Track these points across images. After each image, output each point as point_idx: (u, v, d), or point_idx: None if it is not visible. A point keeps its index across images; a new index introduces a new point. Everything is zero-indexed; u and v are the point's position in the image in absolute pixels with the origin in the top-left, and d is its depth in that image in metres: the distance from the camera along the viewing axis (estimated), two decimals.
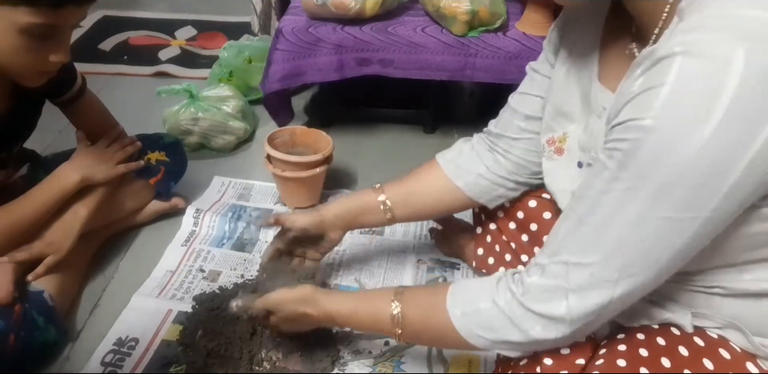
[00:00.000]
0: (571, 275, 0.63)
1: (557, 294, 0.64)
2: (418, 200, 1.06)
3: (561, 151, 0.87)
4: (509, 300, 0.68)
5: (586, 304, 0.63)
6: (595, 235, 0.62)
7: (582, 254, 0.63)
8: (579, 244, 0.63)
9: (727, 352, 0.68)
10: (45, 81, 0.99)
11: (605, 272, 0.62)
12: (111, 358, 1.04)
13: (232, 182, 1.55)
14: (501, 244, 1.09)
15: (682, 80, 0.54)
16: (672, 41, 0.56)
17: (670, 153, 0.55)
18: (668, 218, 0.58)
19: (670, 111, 0.54)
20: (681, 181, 0.56)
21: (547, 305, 0.65)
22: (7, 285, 0.99)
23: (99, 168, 1.16)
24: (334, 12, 1.49)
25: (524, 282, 0.67)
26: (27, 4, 0.83)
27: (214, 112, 1.63)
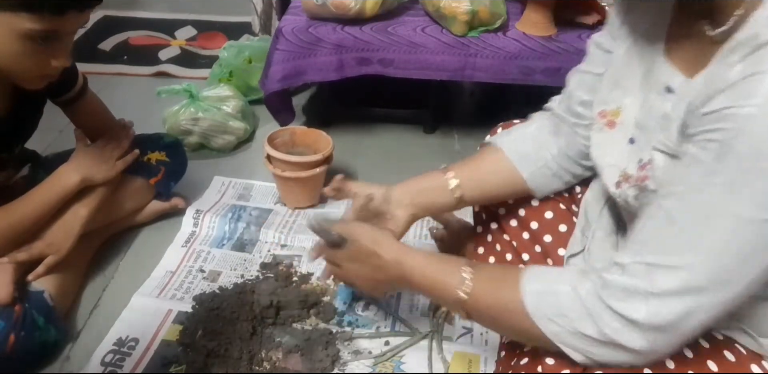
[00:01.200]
0: (654, 278, 0.58)
1: (637, 295, 0.59)
2: (487, 183, 0.99)
3: (613, 124, 0.82)
4: (590, 290, 0.63)
5: (666, 311, 0.58)
6: (687, 236, 0.57)
7: (669, 256, 0.58)
8: (666, 245, 0.59)
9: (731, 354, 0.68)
10: (46, 84, 0.99)
11: (693, 278, 0.57)
12: (111, 358, 1.04)
13: (232, 182, 1.55)
14: (502, 243, 1.09)
15: None
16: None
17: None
18: (765, 221, 0.53)
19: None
20: None
21: (626, 304, 0.60)
22: (7, 285, 0.99)
23: (99, 168, 1.16)
24: (334, 12, 1.49)
25: (603, 278, 0.63)
26: (29, 11, 0.83)
27: (214, 112, 1.63)
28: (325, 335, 1.08)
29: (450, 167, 1.01)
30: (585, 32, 1.54)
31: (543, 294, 0.67)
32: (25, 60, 0.91)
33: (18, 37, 0.86)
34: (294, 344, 1.06)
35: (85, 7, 0.89)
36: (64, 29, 0.89)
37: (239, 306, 1.11)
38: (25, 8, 0.83)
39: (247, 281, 1.21)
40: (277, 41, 1.53)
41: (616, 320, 0.61)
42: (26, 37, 0.86)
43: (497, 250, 1.09)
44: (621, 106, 0.82)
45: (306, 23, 1.53)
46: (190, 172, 1.47)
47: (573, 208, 1.02)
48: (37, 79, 0.97)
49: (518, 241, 1.05)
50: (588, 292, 0.64)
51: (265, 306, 1.10)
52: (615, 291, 0.62)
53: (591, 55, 0.89)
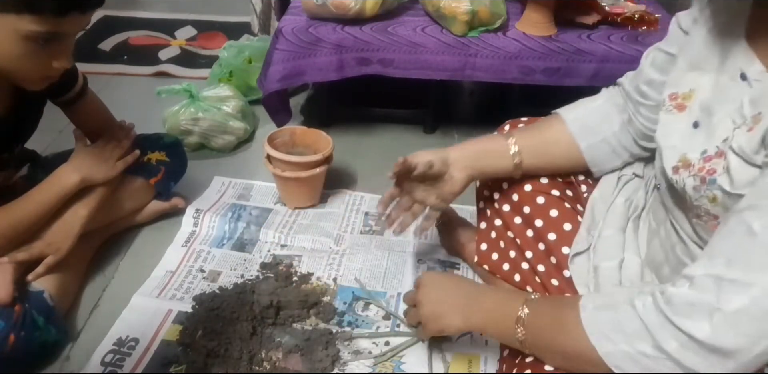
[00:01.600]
0: (723, 293, 0.55)
1: (702, 310, 0.56)
2: (547, 151, 0.98)
3: (683, 107, 0.80)
4: (649, 304, 0.61)
5: (732, 333, 0.55)
6: (766, 253, 0.54)
7: (743, 271, 0.55)
8: (743, 259, 0.55)
9: None
10: (47, 85, 1.00)
11: (766, 298, 0.53)
12: (111, 358, 1.04)
13: (232, 182, 1.55)
14: (506, 240, 1.09)
15: None
16: None
17: None
18: None
19: None
20: None
21: (688, 320, 0.57)
22: (7, 285, 0.99)
23: (99, 168, 1.16)
24: (334, 12, 1.49)
25: (667, 291, 0.60)
26: (31, 13, 0.83)
27: (214, 112, 1.63)
28: (325, 335, 1.08)
29: (511, 131, 0.99)
30: (585, 32, 1.54)
31: (599, 309, 0.66)
32: (27, 61, 0.91)
33: (19, 38, 0.86)
34: (294, 344, 1.06)
35: (87, 9, 0.89)
36: (65, 31, 0.89)
37: (239, 306, 1.11)
38: (27, 10, 0.83)
39: (247, 281, 1.21)
40: (277, 41, 1.53)
41: (676, 337, 0.58)
42: (28, 39, 0.86)
43: (501, 247, 1.09)
44: (694, 89, 0.79)
45: (306, 23, 1.53)
46: (190, 172, 1.47)
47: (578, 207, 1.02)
48: (38, 80, 0.97)
49: (522, 239, 1.05)
50: (645, 305, 0.61)
51: (265, 306, 1.10)
52: (678, 305, 0.59)
53: (670, 34, 0.87)
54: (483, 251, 1.12)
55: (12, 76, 0.95)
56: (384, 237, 1.38)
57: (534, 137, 0.99)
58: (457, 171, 0.99)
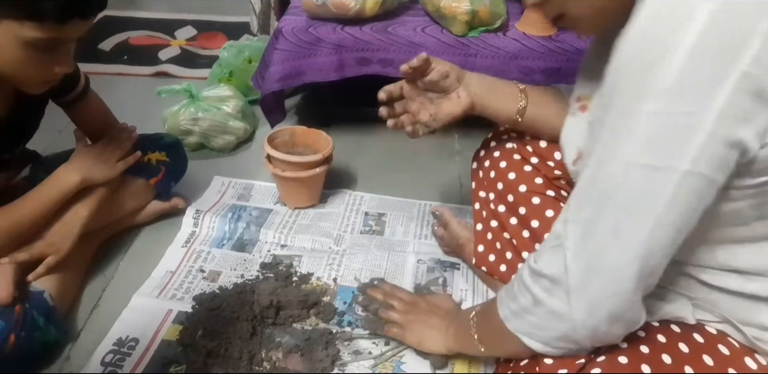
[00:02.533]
0: (569, 233, 0.61)
1: (557, 253, 0.62)
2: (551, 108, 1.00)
3: (585, 108, 0.86)
4: (525, 265, 0.68)
5: (580, 267, 0.60)
6: (587, 187, 0.60)
7: (577, 209, 0.61)
8: (576, 198, 0.62)
9: (726, 348, 0.68)
10: (47, 89, 1.00)
11: (595, 230, 0.59)
12: (111, 358, 1.04)
13: (232, 182, 1.55)
14: (502, 241, 1.09)
15: (654, 14, 0.54)
16: None
17: (644, 84, 0.54)
18: (651, 167, 0.55)
19: (642, 41, 0.54)
20: (658, 120, 0.54)
21: (547, 263, 0.63)
22: (7, 285, 0.99)
23: (99, 168, 1.16)
24: (334, 12, 1.49)
25: (537, 250, 0.67)
26: (32, 20, 0.83)
27: (214, 112, 1.63)
28: (325, 335, 1.08)
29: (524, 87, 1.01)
30: None
31: (506, 288, 0.73)
32: (28, 67, 0.91)
33: (21, 44, 0.86)
34: (294, 344, 1.07)
35: (88, 16, 0.88)
36: (67, 37, 0.89)
37: (239, 306, 1.11)
38: (29, 16, 0.83)
39: (247, 281, 1.21)
40: (277, 41, 1.53)
41: (539, 282, 0.64)
42: (29, 45, 0.86)
43: (497, 248, 1.10)
44: (594, 90, 0.83)
45: (306, 23, 1.53)
46: (190, 172, 1.47)
47: None
48: (39, 84, 0.98)
49: (518, 239, 1.05)
50: (524, 267, 0.68)
51: (265, 306, 1.10)
52: (540, 254, 0.65)
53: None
54: (480, 252, 1.13)
55: (13, 80, 0.95)
56: (384, 238, 1.38)
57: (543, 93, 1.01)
58: (465, 93, 0.98)
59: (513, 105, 0.98)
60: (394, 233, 1.39)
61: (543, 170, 1.04)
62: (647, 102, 0.54)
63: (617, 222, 0.58)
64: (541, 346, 0.68)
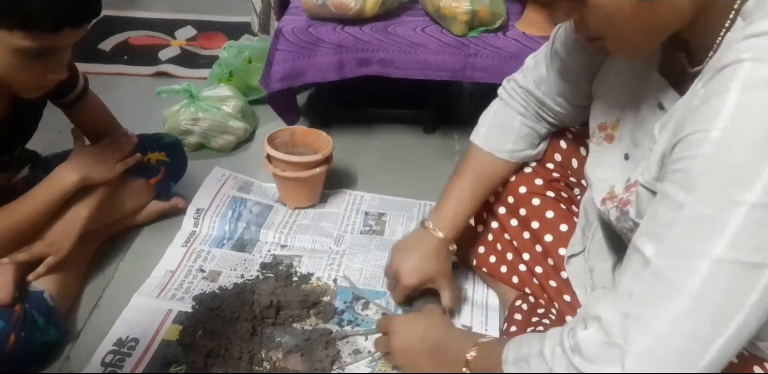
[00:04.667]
0: (630, 333, 0.53)
1: (612, 354, 0.54)
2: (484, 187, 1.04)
3: (611, 138, 0.81)
4: (557, 353, 0.59)
5: (647, 370, 0.52)
6: (661, 282, 0.51)
7: (645, 304, 0.52)
8: (643, 290, 0.53)
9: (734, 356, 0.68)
10: (42, 93, 1.00)
11: (671, 335, 0.51)
12: (111, 358, 1.04)
13: (232, 174, 1.53)
14: (503, 243, 1.09)
15: (751, 85, 0.47)
16: (738, 47, 0.50)
17: (744, 171, 0.47)
18: (741, 263, 0.48)
19: (741, 120, 0.47)
20: (761, 211, 0.46)
21: (598, 366, 0.55)
22: (7, 285, 0.99)
23: (98, 168, 1.16)
24: (334, 12, 1.49)
25: (576, 335, 0.58)
26: (22, 29, 0.83)
27: (214, 112, 1.63)
28: (325, 335, 1.08)
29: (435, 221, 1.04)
30: None
31: (518, 363, 0.65)
32: (21, 74, 0.91)
33: (13, 52, 0.86)
34: (294, 344, 1.06)
35: (80, 24, 0.88)
36: (58, 45, 0.89)
37: (239, 306, 1.11)
38: (19, 26, 0.83)
39: (247, 281, 1.21)
40: (277, 41, 1.53)
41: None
42: (20, 53, 0.86)
43: (498, 250, 1.10)
44: (621, 118, 0.80)
45: (306, 23, 1.53)
46: (190, 172, 1.47)
47: (573, 209, 1.02)
48: (33, 90, 0.98)
49: (519, 241, 1.05)
50: (556, 356, 0.59)
51: (265, 306, 1.10)
52: (587, 353, 0.56)
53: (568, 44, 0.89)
54: (480, 254, 1.13)
55: (7, 86, 0.95)
56: (384, 238, 1.38)
57: (479, 189, 1.03)
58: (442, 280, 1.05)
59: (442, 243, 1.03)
60: (394, 233, 1.39)
61: (542, 172, 1.04)
62: (749, 192, 0.47)
63: (697, 325, 0.51)
64: None
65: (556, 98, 0.95)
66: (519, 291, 1.06)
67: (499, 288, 1.12)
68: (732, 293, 0.49)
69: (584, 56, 0.87)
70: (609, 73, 0.83)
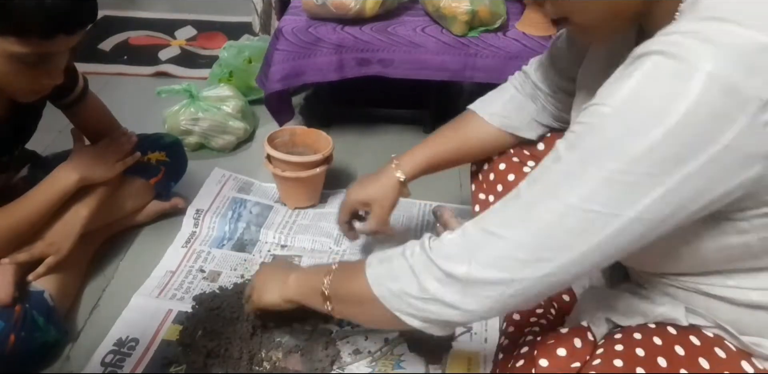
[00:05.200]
0: (484, 244, 0.62)
1: (464, 255, 0.63)
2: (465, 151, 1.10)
3: None
4: (417, 251, 0.68)
5: (482, 276, 0.62)
6: (522, 211, 0.61)
7: (503, 226, 0.62)
8: (505, 216, 0.63)
9: (722, 351, 0.68)
10: (39, 97, 1.00)
11: (516, 251, 0.61)
12: (111, 358, 1.04)
13: (232, 175, 1.54)
14: None
15: (649, 76, 0.54)
16: (653, 41, 0.56)
17: (616, 146, 0.54)
18: (594, 212, 0.57)
19: (629, 104, 0.54)
20: (619, 177, 0.55)
21: (450, 261, 0.64)
22: (7, 285, 1.00)
23: (97, 168, 1.16)
24: (334, 12, 1.49)
25: (441, 239, 0.67)
26: (16, 36, 0.83)
27: (214, 112, 1.63)
28: (325, 335, 1.08)
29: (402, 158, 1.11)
30: None
31: (382, 261, 0.73)
32: (16, 79, 0.91)
33: (7, 58, 0.86)
34: (294, 344, 1.07)
35: (75, 31, 0.87)
36: (53, 51, 0.89)
37: (239, 306, 1.11)
38: (12, 33, 0.83)
39: (247, 281, 1.21)
40: (277, 41, 1.53)
41: (435, 275, 0.65)
42: (14, 59, 0.86)
43: None
44: None
45: (306, 23, 1.53)
46: (190, 172, 1.47)
47: None
48: (29, 94, 0.98)
49: None
50: (413, 252, 0.68)
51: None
52: (444, 249, 0.66)
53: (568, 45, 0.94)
54: None
55: (3, 91, 0.95)
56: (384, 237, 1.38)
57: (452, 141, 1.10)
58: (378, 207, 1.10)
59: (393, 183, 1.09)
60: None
61: None
62: (613, 162, 0.55)
63: (544, 250, 0.60)
64: (420, 324, 0.70)
65: (547, 83, 1.00)
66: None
67: None
68: (575, 232, 0.58)
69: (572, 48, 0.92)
70: (589, 68, 0.87)
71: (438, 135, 1.12)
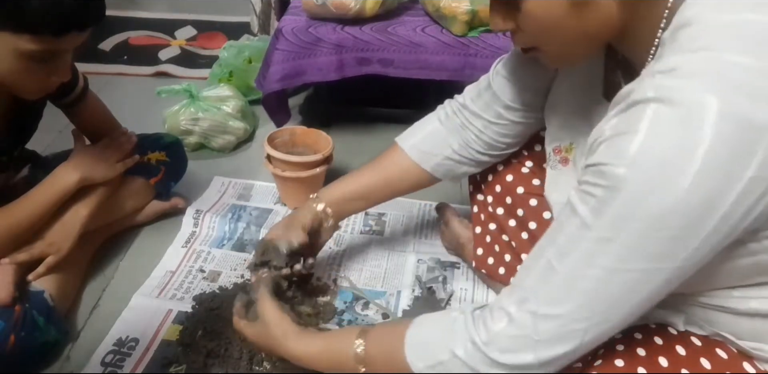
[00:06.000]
0: (539, 327, 0.62)
1: (525, 345, 0.62)
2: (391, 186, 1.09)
3: (566, 161, 0.85)
4: (470, 350, 0.65)
5: (553, 353, 0.62)
6: (565, 286, 0.60)
7: (551, 305, 0.61)
8: (548, 294, 0.62)
9: (724, 352, 0.68)
10: (44, 95, 1.00)
11: (574, 324, 0.61)
12: (111, 358, 1.04)
13: (232, 181, 1.55)
14: (501, 244, 1.09)
15: (655, 129, 0.52)
16: (646, 84, 0.54)
17: (644, 205, 0.54)
18: (638, 270, 0.57)
19: (644, 162, 0.53)
20: (654, 234, 0.54)
21: (515, 355, 0.63)
22: (7, 285, 0.99)
23: (98, 168, 1.16)
24: (334, 12, 1.49)
25: (489, 330, 0.65)
26: (29, 33, 0.83)
27: (214, 112, 1.63)
28: None
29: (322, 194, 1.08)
30: None
31: (433, 368, 0.68)
32: (25, 76, 0.91)
33: (17, 55, 0.86)
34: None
35: (86, 28, 0.88)
36: (63, 48, 0.89)
37: None
38: (26, 30, 0.83)
39: (247, 281, 1.21)
40: (277, 41, 1.53)
41: (504, 371, 0.64)
42: (25, 56, 0.87)
43: (496, 251, 1.10)
44: (573, 142, 0.84)
45: (306, 23, 1.53)
46: (190, 172, 1.47)
47: None
48: (36, 92, 0.98)
49: (517, 241, 1.05)
50: (467, 352, 0.65)
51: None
52: (502, 345, 0.64)
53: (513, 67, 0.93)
54: (479, 255, 1.13)
55: (10, 88, 0.95)
56: (384, 237, 1.38)
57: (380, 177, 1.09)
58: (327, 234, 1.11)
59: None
60: (394, 233, 1.39)
61: (539, 173, 1.04)
62: (645, 221, 0.54)
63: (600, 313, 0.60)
64: None
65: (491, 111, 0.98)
66: None
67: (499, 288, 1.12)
68: (623, 292, 0.58)
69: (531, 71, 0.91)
70: (558, 98, 0.87)
71: (360, 168, 1.12)
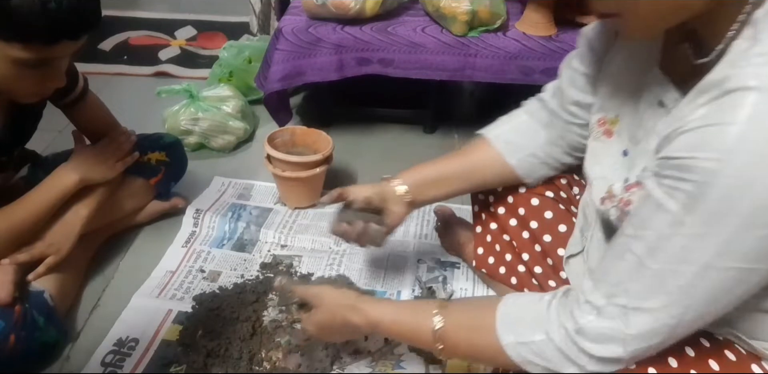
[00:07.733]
0: (630, 320, 0.61)
1: (615, 337, 0.62)
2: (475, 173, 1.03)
3: (610, 133, 0.82)
4: (564, 337, 0.66)
5: (641, 346, 0.62)
6: (658, 281, 0.59)
7: (642, 299, 0.60)
8: (640, 289, 0.60)
9: (732, 353, 0.68)
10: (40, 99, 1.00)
11: (666, 318, 0.60)
12: (111, 358, 1.04)
13: (232, 181, 1.55)
14: (501, 244, 1.09)
15: (756, 122, 0.50)
16: (746, 72, 0.52)
17: (741, 201, 0.52)
18: (735, 269, 0.56)
19: (741, 155, 0.51)
20: (751, 231, 0.53)
21: (604, 347, 0.63)
22: (8, 286, 0.99)
23: (98, 168, 1.16)
24: (334, 12, 1.49)
25: (578, 321, 0.64)
26: (21, 42, 0.83)
27: (214, 112, 1.63)
28: None
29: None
30: None
31: (524, 345, 0.69)
32: (19, 83, 0.91)
33: (11, 63, 0.86)
34: (294, 344, 1.06)
35: (78, 37, 0.88)
36: (56, 56, 0.89)
37: (239, 306, 1.11)
38: (17, 38, 0.83)
39: (247, 281, 1.21)
40: (277, 41, 1.53)
41: (594, 360, 0.64)
42: (18, 63, 0.86)
43: (497, 250, 1.10)
44: (620, 114, 0.81)
45: (306, 23, 1.53)
46: (190, 172, 1.47)
47: (572, 209, 1.02)
48: (32, 96, 0.98)
49: (518, 241, 1.05)
50: (562, 338, 0.66)
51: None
52: (591, 336, 0.64)
53: (580, 52, 0.88)
54: (480, 255, 1.13)
55: (6, 94, 0.95)
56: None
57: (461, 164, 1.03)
58: (397, 206, 1.02)
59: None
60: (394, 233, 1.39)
61: None
62: (740, 217, 0.53)
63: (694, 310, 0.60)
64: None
65: (568, 107, 0.94)
66: (518, 292, 1.06)
67: (499, 288, 1.12)
68: (717, 289, 0.58)
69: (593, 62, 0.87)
70: (610, 69, 0.83)
71: (444, 156, 1.07)
